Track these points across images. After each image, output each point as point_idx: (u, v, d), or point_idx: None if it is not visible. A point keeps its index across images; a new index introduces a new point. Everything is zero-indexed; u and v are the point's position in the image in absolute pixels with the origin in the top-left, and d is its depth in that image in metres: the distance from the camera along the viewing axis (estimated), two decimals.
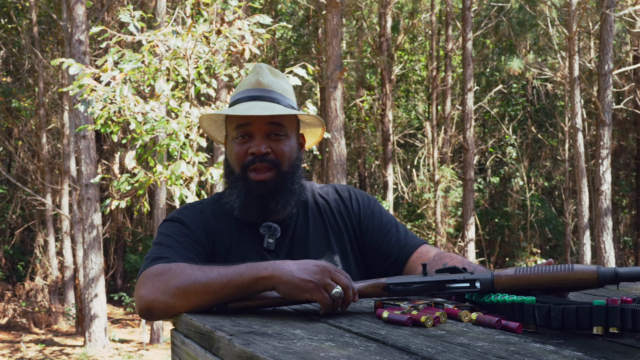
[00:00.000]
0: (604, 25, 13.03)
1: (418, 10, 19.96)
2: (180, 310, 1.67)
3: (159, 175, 7.01)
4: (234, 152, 2.08)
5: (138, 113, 6.92)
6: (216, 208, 2.15)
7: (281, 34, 20.87)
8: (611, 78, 13.17)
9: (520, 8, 18.81)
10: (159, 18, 13.49)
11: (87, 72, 6.95)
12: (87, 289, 12.52)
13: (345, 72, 12.16)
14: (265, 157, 2.04)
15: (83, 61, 11.84)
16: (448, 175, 18.13)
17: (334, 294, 1.55)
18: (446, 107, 19.04)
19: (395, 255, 2.13)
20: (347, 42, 21.46)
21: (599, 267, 1.51)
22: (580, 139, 13.57)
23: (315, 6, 16.08)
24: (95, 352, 12.42)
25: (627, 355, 1.18)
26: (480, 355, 1.17)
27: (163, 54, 7.08)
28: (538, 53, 20.09)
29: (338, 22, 11.36)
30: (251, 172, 2.05)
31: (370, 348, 1.23)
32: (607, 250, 12.89)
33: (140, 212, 18.46)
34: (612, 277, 1.49)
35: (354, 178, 23.37)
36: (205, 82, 7.65)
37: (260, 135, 2.05)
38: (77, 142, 12.68)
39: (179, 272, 1.72)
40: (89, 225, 12.40)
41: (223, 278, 1.64)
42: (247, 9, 13.35)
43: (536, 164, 21.80)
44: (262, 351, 1.19)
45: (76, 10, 12.25)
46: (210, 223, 2.09)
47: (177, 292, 1.68)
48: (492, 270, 1.62)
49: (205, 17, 7.51)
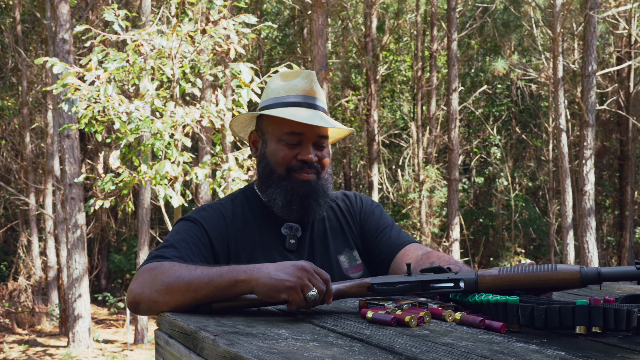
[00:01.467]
0: (587, 27, 13.11)
1: (403, 11, 20.00)
2: (164, 306, 1.69)
3: (144, 175, 6.98)
4: (280, 154, 2.12)
5: (122, 112, 6.89)
6: (237, 209, 2.18)
7: (266, 34, 20.85)
8: (595, 79, 13.24)
9: (504, 9, 18.89)
10: (143, 17, 13.44)
11: (71, 71, 6.91)
12: (71, 289, 12.45)
13: (330, 72, 12.16)
14: (312, 164, 2.12)
15: (67, 60, 11.78)
16: (433, 176, 18.17)
17: (309, 296, 1.55)
18: (431, 108, 19.08)
19: (384, 253, 2.18)
20: (332, 42, 21.46)
21: (582, 267, 1.52)
22: (564, 140, 13.64)
23: (301, 6, 16.07)
24: (79, 353, 12.35)
25: (609, 355, 1.18)
26: (464, 354, 1.17)
27: (148, 53, 7.05)
28: (522, 54, 20.19)
29: (323, 22, 11.36)
30: (296, 174, 2.12)
31: (354, 348, 1.23)
32: (590, 250, 12.97)
33: (124, 212, 18.39)
34: (594, 277, 1.51)
35: (339, 178, 23.38)
36: (190, 81, 7.62)
37: (309, 143, 2.12)
38: (61, 142, 12.61)
39: (167, 269, 1.75)
40: (72, 225, 12.33)
41: (204, 277, 1.65)
42: (233, 9, 13.32)
43: (520, 164, 21.90)
44: (246, 351, 1.18)
45: (60, 8, 12.18)
46: (231, 225, 2.11)
47: (161, 288, 1.71)
48: (476, 270, 1.63)
49: (190, 16, 7.49)
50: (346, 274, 2.12)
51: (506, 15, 19.02)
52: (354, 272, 2.14)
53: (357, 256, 2.19)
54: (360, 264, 2.17)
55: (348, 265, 2.15)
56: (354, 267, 2.15)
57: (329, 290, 1.60)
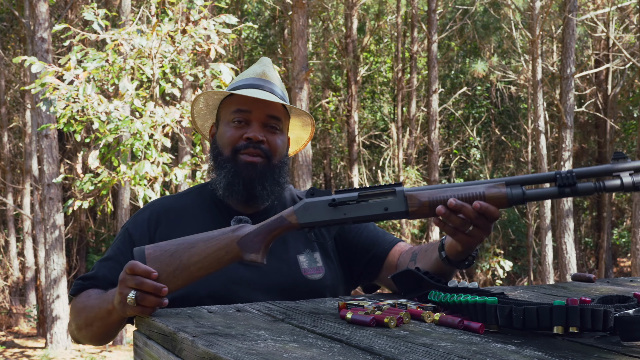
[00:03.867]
0: (566, 30, 13.21)
1: (384, 12, 20.03)
2: (86, 341, 2.01)
3: (123, 175, 6.94)
4: (227, 135, 2.10)
5: (102, 112, 6.85)
6: (187, 203, 2.19)
7: (247, 34, 20.80)
8: (573, 81, 13.35)
9: (484, 11, 18.98)
10: (123, 16, 13.37)
11: (49, 70, 6.86)
12: (49, 290, 12.35)
13: (311, 73, 12.16)
14: (259, 144, 2.08)
15: (46, 59, 11.68)
16: (413, 177, 18.22)
17: (128, 301, 1.57)
18: (411, 109, 19.13)
19: (374, 250, 2.15)
20: (313, 43, 21.45)
21: (508, 189, 1.61)
22: (542, 141, 13.74)
23: (282, 7, 16.06)
24: (57, 354, 12.25)
25: (586, 355, 1.19)
26: (442, 355, 1.18)
27: (127, 52, 7.01)
28: (502, 56, 20.29)
29: (304, 23, 11.36)
30: (242, 155, 2.08)
31: (333, 349, 1.23)
32: (568, 251, 13.06)
33: (103, 213, 18.27)
34: (519, 197, 1.60)
35: (319, 179, 23.38)
36: (170, 81, 7.59)
37: (258, 123, 2.09)
38: (39, 141, 12.50)
39: (76, 307, 1.98)
40: (51, 225, 12.24)
41: (92, 313, 1.88)
42: (213, 9, 13.29)
43: (500, 165, 22.01)
44: (225, 352, 1.18)
45: (39, 7, 12.08)
46: (172, 222, 2.12)
47: (75, 328, 1.98)
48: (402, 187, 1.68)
49: (170, 16, 7.46)
50: (304, 275, 2.07)
51: (486, 17, 19.11)
52: (313, 273, 2.09)
53: (319, 259, 2.12)
54: (320, 266, 2.11)
55: (307, 265, 2.10)
56: (314, 269, 2.09)
57: (149, 284, 1.58)
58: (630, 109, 20.51)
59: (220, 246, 1.68)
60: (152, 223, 2.12)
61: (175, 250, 1.66)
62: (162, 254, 1.66)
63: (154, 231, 2.11)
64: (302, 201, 1.72)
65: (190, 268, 1.66)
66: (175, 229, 2.09)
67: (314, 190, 1.71)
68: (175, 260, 1.65)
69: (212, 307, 1.66)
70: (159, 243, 1.70)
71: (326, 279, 2.11)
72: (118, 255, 2.08)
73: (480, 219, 1.63)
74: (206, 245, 1.67)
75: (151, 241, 2.08)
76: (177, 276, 1.65)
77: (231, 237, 1.68)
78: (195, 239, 1.69)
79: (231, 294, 1.96)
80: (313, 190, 1.71)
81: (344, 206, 1.69)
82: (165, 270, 1.64)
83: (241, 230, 1.70)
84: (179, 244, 1.68)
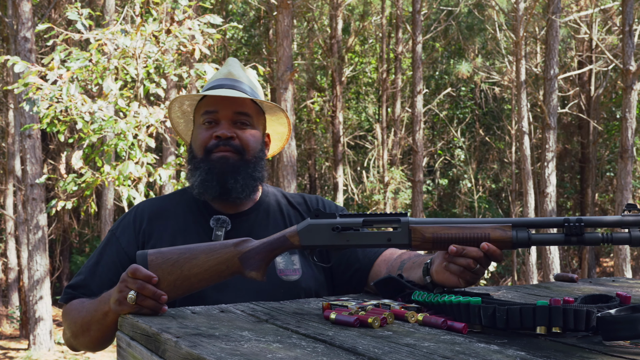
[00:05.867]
0: (549, 31, 13.28)
1: (369, 13, 20.06)
2: (83, 347, 2.01)
3: (107, 175, 6.91)
4: (199, 137, 2.12)
5: (85, 112, 6.81)
6: (169, 205, 2.20)
7: (232, 35, 20.76)
8: (556, 82, 13.42)
9: (469, 12, 19.06)
10: (107, 16, 13.31)
11: (32, 70, 6.82)
12: (32, 291, 12.27)
13: (296, 73, 12.15)
14: (229, 141, 2.09)
15: (29, 59, 11.61)
16: (397, 177, 18.25)
17: (128, 300, 1.58)
18: (396, 110, 19.17)
19: (357, 264, 2.14)
20: (298, 44, 21.45)
21: (514, 231, 1.60)
22: (526, 142, 13.80)
23: (267, 7, 16.03)
24: (40, 356, 12.18)
25: (568, 354, 1.20)
26: (426, 355, 1.18)
27: (111, 52, 6.98)
28: (486, 57, 20.38)
29: (289, 23, 11.35)
30: (214, 154, 2.09)
31: (317, 349, 1.23)
32: (551, 251, 13.14)
33: (87, 213, 18.17)
34: (525, 240, 1.59)
35: (304, 179, 23.38)
36: (154, 81, 7.56)
37: (226, 121, 2.10)
38: (22, 141, 12.43)
39: (69, 314, 1.98)
40: (34, 226, 12.16)
41: (88, 317, 1.87)
42: (198, 9, 13.25)
43: (484, 166, 22.09)
44: (209, 353, 1.18)
45: (22, 6, 12.01)
46: (154, 224, 2.13)
47: (70, 335, 1.98)
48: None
49: (154, 16, 7.43)
50: (279, 275, 2.07)
51: (470, 18, 19.18)
52: (289, 274, 2.09)
53: (297, 261, 2.12)
54: (297, 268, 2.10)
55: (284, 267, 2.09)
56: (290, 270, 2.09)
57: (148, 288, 1.59)
58: (613, 110, 20.65)
59: (222, 260, 1.68)
60: (137, 224, 2.14)
61: (177, 259, 1.67)
62: (164, 262, 1.66)
63: (139, 231, 2.12)
64: (306, 222, 1.71)
65: (190, 279, 1.67)
66: (158, 229, 2.11)
67: (319, 212, 1.70)
68: (177, 270, 1.66)
69: (196, 308, 1.65)
70: (161, 249, 1.70)
71: (303, 281, 2.09)
72: (106, 259, 2.10)
73: (484, 259, 1.63)
74: (208, 258, 1.68)
75: (137, 242, 2.09)
76: (178, 286, 1.66)
77: (233, 251, 1.68)
78: (198, 249, 1.69)
79: (205, 292, 1.96)
80: (318, 211, 1.70)
81: (348, 232, 1.69)
82: (167, 279, 1.65)
83: (243, 245, 1.70)
84: (181, 253, 1.68)
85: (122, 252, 2.09)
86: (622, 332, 1.24)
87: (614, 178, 20.61)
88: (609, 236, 1.53)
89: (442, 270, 1.69)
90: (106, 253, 2.11)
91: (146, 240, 2.10)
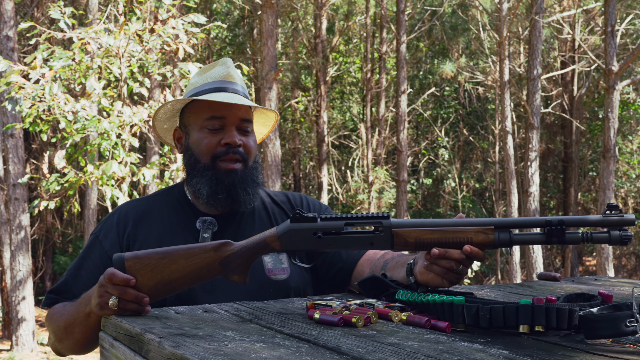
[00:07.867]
0: (533, 31, 13.35)
1: (353, 13, 20.07)
2: (68, 351, 2.01)
3: (90, 175, 6.87)
4: (204, 142, 2.10)
5: (68, 112, 6.77)
6: (154, 206, 2.18)
7: (216, 34, 20.71)
8: (540, 82, 13.50)
9: (452, 12, 19.12)
10: (90, 15, 13.24)
11: (15, 69, 6.77)
12: (15, 292, 12.19)
13: (280, 73, 12.14)
14: (237, 149, 2.09)
15: (11, 58, 11.54)
16: (382, 177, 18.28)
17: (110, 305, 1.58)
18: (380, 109, 19.20)
19: (340, 264, 2.14)
20: (282, 43, 21.43)
21: (496, 232, 1.61)
22: (510, 142, 13.87)
23: (251, 6, 16.01)
24: (23, 356, 12.10)
25: (550, 353, 1.21)
26: (409, 354, 1.18)
27: (95, 51, 6.94)
28: (470, 57, 20.45)
29: (273, 23, 11.34)
30: (221, 162, 2.08)
31: (301, 349, 1.23)
32: (535, 250, 13.21)
33: (70, 213, 18.08)
34: (506, 242, 1.60)
35: (288, 179, 23.36)
36: (138, 81, 7.53)
37: (233, 127, 2.10)
38: (4, 141, 12.34)
39: (52, 318, 2.01)
40: (16, 226, 12.08)
41: (70, 319, 1.88)
42: (182, 8, 13.20)
43: (467, 165, 22.18)
44: (192, 353, 1.18)
45: (4, 5, 11.92)
46: (139, 225, 2.12)
47: (55, 339, 1.99)
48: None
49: (138, 15, 7.40)
50: (268, 275, 2.07)
51: (454, 18, 19.25)
52: (278, 274, 2.09)
53: (284, 260, 2.12)
54: (285, 267, 2.10)
55: (272, 266, 2.09)
56: (279, 269, 2.09)
57: (127, 293, 1.59)
58: (595, 110, 20.78)
59: (202, 265, 1.66)
60: (120, 227, 2.12)
61: (155, 265, 1.64)
62: (142, 267, 1.63)
63: (123, 234, 2.11)
64: (286, 226, 1.68)
65: (172, 283, 1.66)
66: (142, 230, 2.10)
67: (299, 215, 1.67)
68: (157, 276, 1.64)
69: (180, 308, 1.65)
70: (137, 252, 1.67)
71: (291, 279, 2.10)
72: (89, 263, 2.09)
73: (467, 260, 1.64)
74: (187, 263, 1.66)
75: (120, 246, 2.08)
76: (160, 290, 1.65)
77: (213, 256, 1.66)
78: (176, 254, 1.66)
79: (195, 294, 1.95)
80: (298, 213, 1.67)
81: (329, 236, 1.67)
82: (147, 284, 1.62)
83: (223, 249, 1.67)
84: (160, 259, 1.65)
85: (105, 256, 2.07)
86: (604, 330, 1.25)
87: (597, 177, 20.75)
88: (589, 236, 1.55)
89: (425, 271, 1.69)
90: (89, 257, 2.10)
91: (131, 244, 2.08)
